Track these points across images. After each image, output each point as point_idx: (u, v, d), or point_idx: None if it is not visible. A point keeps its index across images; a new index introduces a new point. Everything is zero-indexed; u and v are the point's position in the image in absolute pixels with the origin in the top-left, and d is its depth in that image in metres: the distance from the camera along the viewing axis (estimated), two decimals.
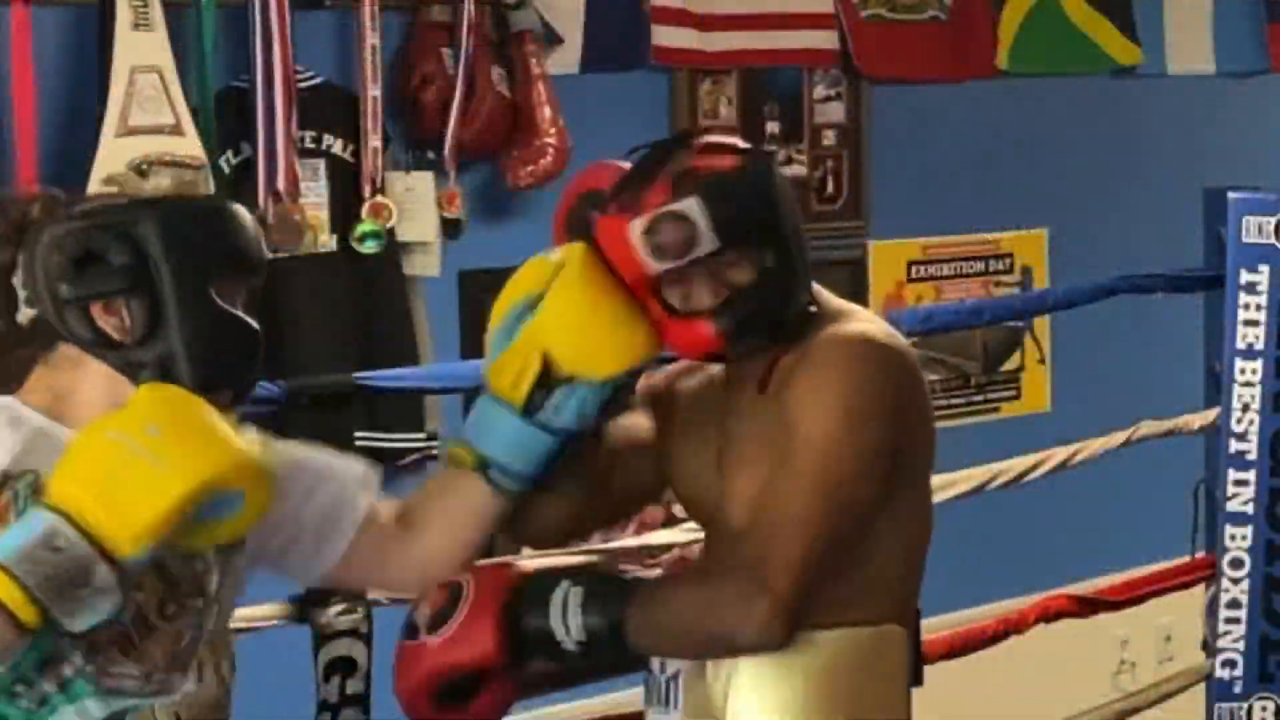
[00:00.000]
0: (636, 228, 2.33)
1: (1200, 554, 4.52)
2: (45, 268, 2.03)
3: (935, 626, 4.11)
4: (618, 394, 2.35)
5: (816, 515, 2.29)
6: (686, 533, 3.18)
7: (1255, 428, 4.27)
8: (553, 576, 2.36)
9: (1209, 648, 4.40)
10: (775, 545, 2.28)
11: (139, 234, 2.03)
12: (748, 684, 2.41)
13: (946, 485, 3.85)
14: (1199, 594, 4.53)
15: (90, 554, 1.86)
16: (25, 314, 2.06)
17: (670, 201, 2.33)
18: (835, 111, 4.94)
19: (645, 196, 2.35)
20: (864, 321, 2.44)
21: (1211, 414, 4.45)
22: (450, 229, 4.13)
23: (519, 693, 2.41)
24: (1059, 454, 4.20)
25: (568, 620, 2.30)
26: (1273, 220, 4.26)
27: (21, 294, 2.05)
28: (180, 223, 2.07)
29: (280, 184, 3.81)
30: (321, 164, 3.99)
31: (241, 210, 2.14)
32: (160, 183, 3.63)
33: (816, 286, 2.49)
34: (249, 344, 2.11)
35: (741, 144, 2.44)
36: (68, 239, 2.03)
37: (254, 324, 2.11)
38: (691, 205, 2.31)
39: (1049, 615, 4.21)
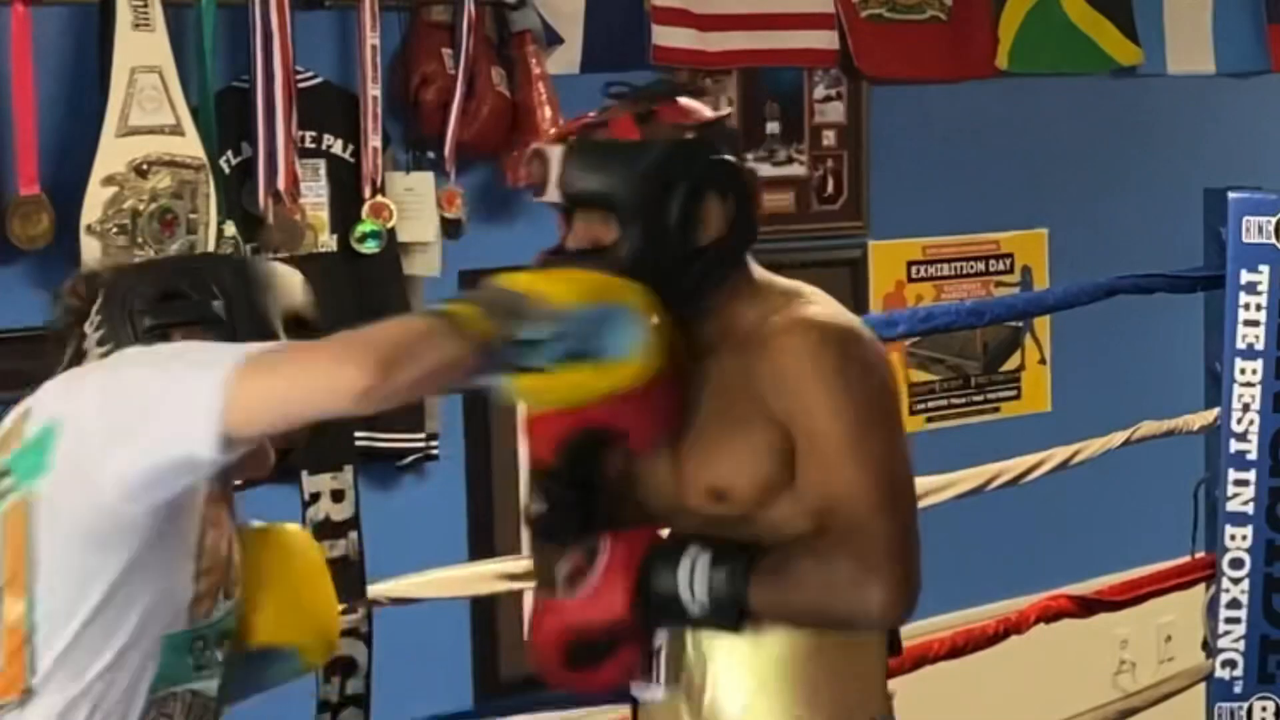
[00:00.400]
0: (529, 150, 2.43)
1: (1200, 554, 4.53)
2: (128, 302, 2.17)
3: (935, 627, 4.12)
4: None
5: (889, 500, 2.34)
6: None
7: (1255, 428, 4.28)
8: (681, 541, 2.38)
9: (1209, 648, 4.40)
10: (872, 533, 2.32)
11: (218, 276, 2.20)
12: (726, 657, 2.43)
13: (946, 485, 3.86)
14: (1199, 594, 4.53)
15: (523, 296, 2.07)
16: (95, 354, 2.16)
17: (557, 141, 2.41)
18: (835, 111, 4.94)
19: (565, 127, 2.46)
20: (815, 303, 2.43)
21: (1211, 414, 4.46)
22: (450, 229, 4.13)
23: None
24: (1059, 454, 4.21)
25: (694, 586, 2.33)
26: (1273, 220, 4.27)
27: (94, 335, 2.17)
28: (253, 274, 2.24)
29: (280, 184, 3.81)
30: (321, 164, 3.99)
31: (299, 275, 2.29)
32: (160, 183, 3.64)
33: (760, 270, 2.46)
34: None
35: (687, 129, 2.40)
36: (153, 276, 2.21)
37: None
38: (554, 153, 2.38)
39: (1049, 615, 4.21)
